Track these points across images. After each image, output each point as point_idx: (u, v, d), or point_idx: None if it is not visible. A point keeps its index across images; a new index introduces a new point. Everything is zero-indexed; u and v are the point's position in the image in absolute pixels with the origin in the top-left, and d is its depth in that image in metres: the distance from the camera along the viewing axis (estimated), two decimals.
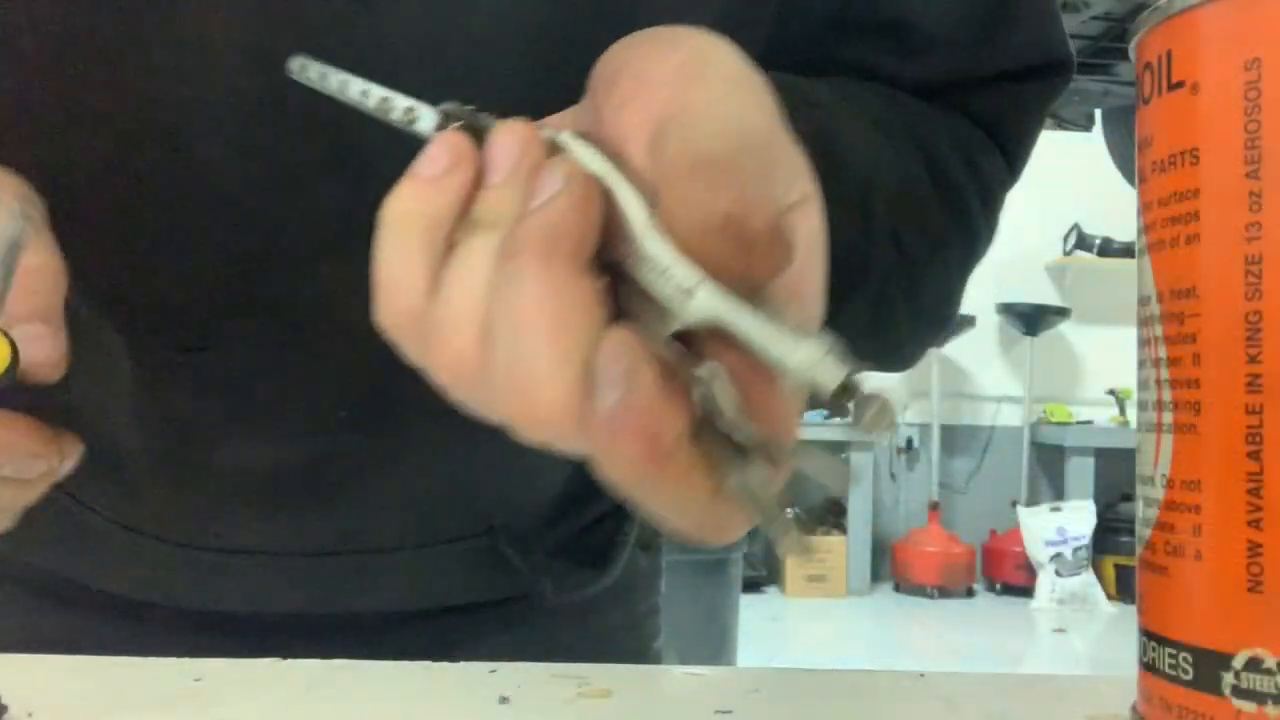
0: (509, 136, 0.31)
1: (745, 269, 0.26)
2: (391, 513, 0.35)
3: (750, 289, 0.27)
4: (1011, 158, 0.55)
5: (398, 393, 0.33)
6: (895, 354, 0.50)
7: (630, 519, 0.64)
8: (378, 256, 0.31)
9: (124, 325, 0.47)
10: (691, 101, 0.29)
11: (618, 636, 0.65)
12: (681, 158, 0.27)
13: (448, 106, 0.33)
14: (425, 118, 0.33)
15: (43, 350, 0.36)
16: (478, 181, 0.31)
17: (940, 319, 0.51)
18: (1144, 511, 0.22)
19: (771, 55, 0.49)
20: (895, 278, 0.46)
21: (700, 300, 0.27)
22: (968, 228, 0.51)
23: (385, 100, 0.34)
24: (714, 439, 0.26)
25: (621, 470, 0.26)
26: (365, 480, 0.50)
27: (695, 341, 0.28)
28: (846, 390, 0.25)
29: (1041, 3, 0.53)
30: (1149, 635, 0.21)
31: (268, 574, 0.53)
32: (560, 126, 0.33)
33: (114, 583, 0.55)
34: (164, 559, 0.53)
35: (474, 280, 0.30)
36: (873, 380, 0.25)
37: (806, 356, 0.25)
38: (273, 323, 0.47)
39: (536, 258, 0.28)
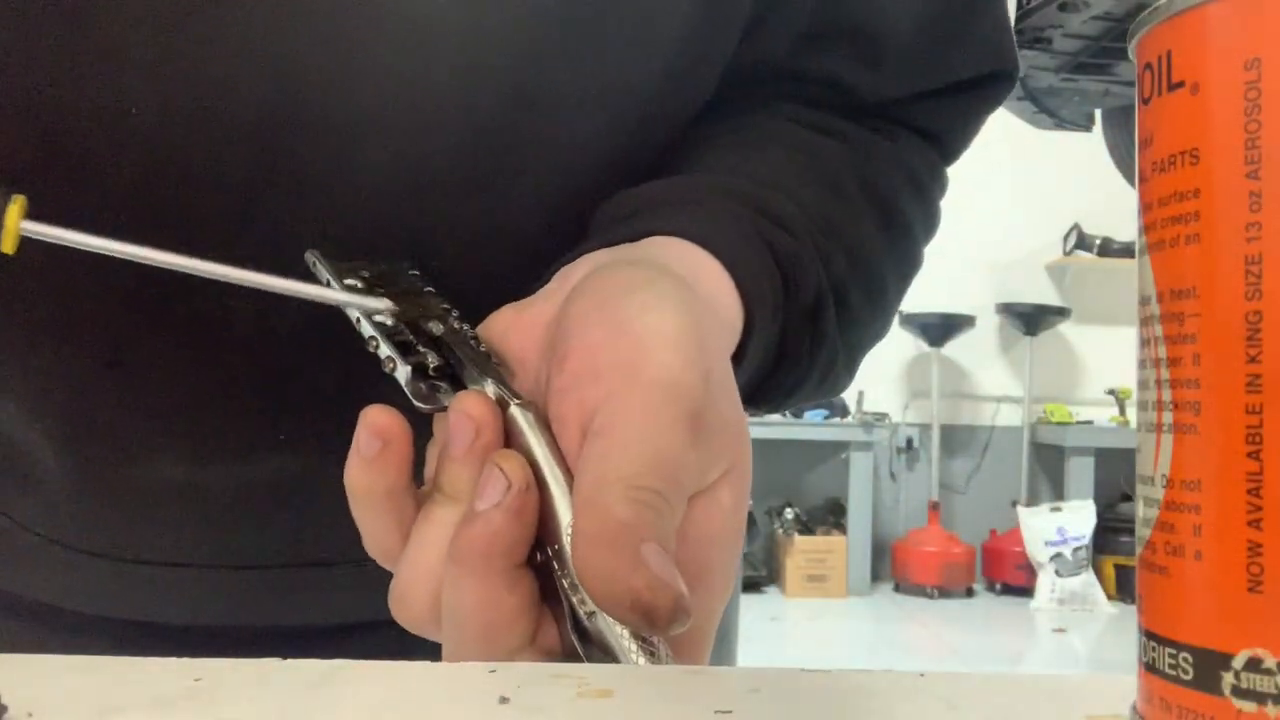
0: (466, 417, 0.34)
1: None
2: (329, 529, 0.36)
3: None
4: (951, 160, 0.57)
5: (328, 417, 0.35)
6: (833, 391, 0.53)
7: None
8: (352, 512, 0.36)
9: (42, 340, 0.46)
10: (617, 422, 0.32)
11: None
12: (599, 505, 0.30)
13: (420, 359, 0.37)
14: (400, 371, 0.37)
15: None
16: (409, 449, 0.35)
17: (876, 343, 0.54)
18: (1144, 511, 0.22)
19: (744, 60, 0.50)
20: (841, 345, 0.48)
21: (594, 623, 0.31)
22: (912, 258, 0.54)
23: (372, 339, 0.38)
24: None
25: None
26: (303, 498, 0.49)
27: None
28: None
29: (996, 12, 0.54)
30: (1149, 635, 0.21)
31: (204, 588, 0.52)
32: (526, 374, 0.37)
33: (44, 593, 0.53)
34: (87, 570, 0.51)
35: (431, 557, 0.34)
36: None
37: None
38: (192, 342, 0.46)
39: (474, 570, 0.32)
